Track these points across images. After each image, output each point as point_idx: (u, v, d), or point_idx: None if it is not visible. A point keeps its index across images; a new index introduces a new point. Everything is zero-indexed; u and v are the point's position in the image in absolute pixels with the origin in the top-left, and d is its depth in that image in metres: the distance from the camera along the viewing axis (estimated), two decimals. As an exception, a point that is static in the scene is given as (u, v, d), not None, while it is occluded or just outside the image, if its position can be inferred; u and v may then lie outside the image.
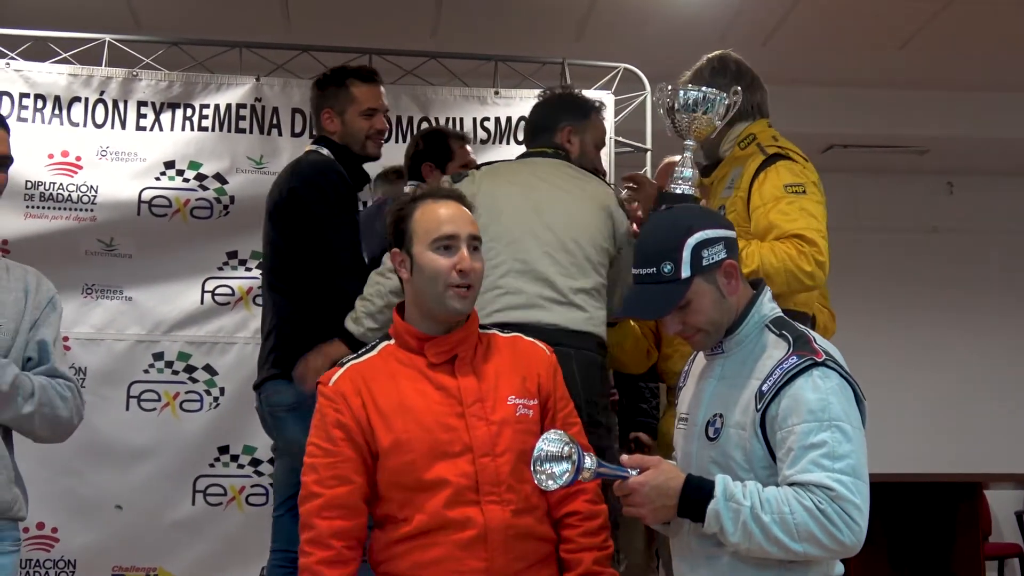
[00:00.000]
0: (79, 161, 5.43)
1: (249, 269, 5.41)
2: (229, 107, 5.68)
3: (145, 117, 5.60)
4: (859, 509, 2.44)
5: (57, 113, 5.56)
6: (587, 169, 4.01)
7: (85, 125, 5.55)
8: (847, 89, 7.67)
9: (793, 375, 2.53)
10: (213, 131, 5.64)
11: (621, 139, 6.02)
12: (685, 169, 3.52)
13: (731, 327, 2.68)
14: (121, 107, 5.61)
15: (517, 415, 2.82)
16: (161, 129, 5.58)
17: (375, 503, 2.83)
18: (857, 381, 2.59)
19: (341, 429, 2.78)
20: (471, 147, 4.98)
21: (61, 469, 4.72)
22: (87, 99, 5.58)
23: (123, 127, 5.51)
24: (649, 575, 4.87)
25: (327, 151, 4.30)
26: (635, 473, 2.55)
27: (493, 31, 6.68)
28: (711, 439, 2.61)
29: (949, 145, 8.25)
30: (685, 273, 2.63)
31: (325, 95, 4.34)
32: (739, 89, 3.62)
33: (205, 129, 5.64)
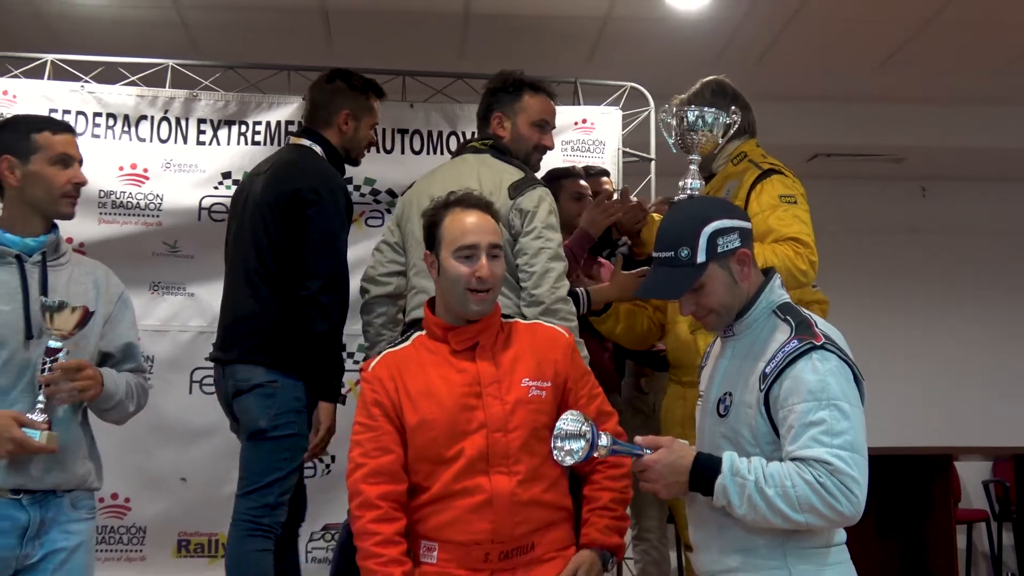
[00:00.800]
0: (146, 173, 5.44)
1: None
2: (279, 123, 5.68)
3: (204, 133, 5.62)
4: (857, 482, 2.43)
5: (126, 130, 5.58)
6: (524, 150, 3.93)
7: (151, 140, 5.56)
8: (830, 104, 7.64)
9: (794, 358, 2.52)
10: (265, 145, 5.64)
11: (628, 150, 6.00)
12: (694, 181, 3.64)
13: (742, 311, 2.67)
14: (183, 124, 5.62)
15: (530, 396, 2.85)
16: (219, 143, 5.59)
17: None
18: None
19: (378, 407, 2.84)
20: (583, 181, 4.80)
21: (132, 446, 4.73)
22: (153, 117, 5.60)
23: (185, 142, 5.53)
24: (662, 549, 4.85)
25: (319, 148, 4.17)
26: (648, 452, 2.54)
27: (513, 54, 6.67)
28: (721, 416, 2.60)
29: (922, 153, 8.22)
30: (700, 258, 2.62)
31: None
32: (737, 109, 3.71)
33: (258, 143, 5.65)
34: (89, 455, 2.94)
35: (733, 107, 3.74)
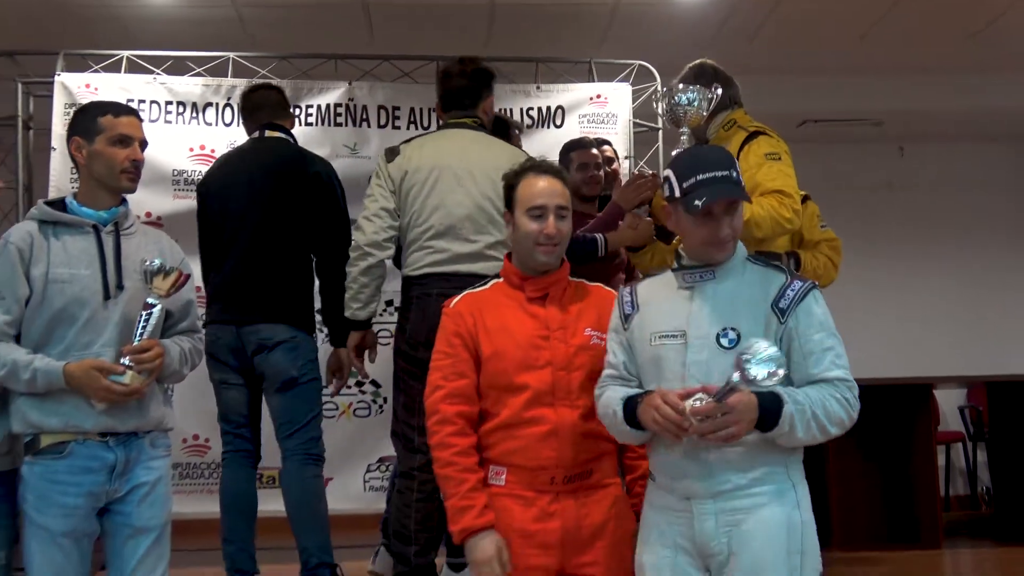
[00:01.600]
0: (213, 153, 5.44)
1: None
2: (328, 106, 5.68)
3: (263, 116, 5.60)
4: (857, 393, 2.51)
5: (194, 116, 5.59)
6: (491, 122, 4.03)
7: (216, 124, 5.57)
8: (817, 75, 7.54)
9: (803, 295, 2.52)
10: (316, 126, 5.65)
11: (638, 121, 5.97)
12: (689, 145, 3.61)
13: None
14: (244, 109, 5.60)
15: (591, 343, 2.83)
16: (276, 125, 5.56)
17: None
18: (831, 307, 2.61)
19: (458, 337, 2.84)
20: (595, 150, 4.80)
21: (208, 393, 4.73)
22: (217, 104, 5.61)
23: (246, 125, 5.51)
24: None
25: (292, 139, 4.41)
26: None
27: (534, 38, 6.62)
28: (727, 348, 2.48)
29: (899, 117, 8.13)
30: (741, 183, 2.61)
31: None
32: (718, 85, 3.74)
33: (311, 124, 5.65)
34: (163, 401, 2.94)
35: (715, 84, 3.74)
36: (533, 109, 5.83)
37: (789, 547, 2.46)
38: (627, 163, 5.65)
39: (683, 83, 3.77)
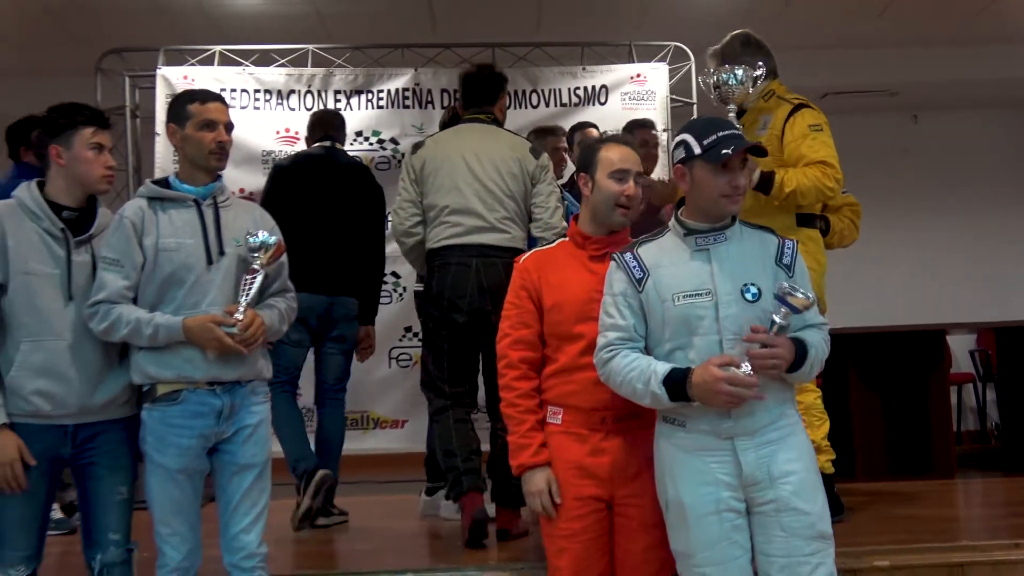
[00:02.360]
0: (297, 135, 5.46)
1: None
2: (397, 91, 5.68)
3: (340, 101, 5.64)
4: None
5: (280, 102, 5.62)
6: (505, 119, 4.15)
7: (299, 109, 5.59)
8: (838, 49, 7.41)
9: (796, 252, 2.61)
10: (387, 108, 5.66)
11: (675, 96, 5.89)
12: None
13: (728, 223, 2.61)
14: (323, 95, 5.65)
15: None
16: (351, 109, 5.60)
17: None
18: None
19: (524, 290, 2.86)
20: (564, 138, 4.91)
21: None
22: (299, 91, 5.63)
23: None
24: None
25: None
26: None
27: (579, 24, 6.55)
28: (751, 302, 2.49)
29: (913, 88, 7.98)
30: None
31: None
32: (762, 65, 3.65)
33: (382, 107, 5.66)
34: (262, 354, 2.97)
35: (759, 59, 3.66)
36: (580, 88, 5.77)
37: (814, 465, 2.59)
38: (664, 136, 5.59)
39: (727, 54, 3.70)
